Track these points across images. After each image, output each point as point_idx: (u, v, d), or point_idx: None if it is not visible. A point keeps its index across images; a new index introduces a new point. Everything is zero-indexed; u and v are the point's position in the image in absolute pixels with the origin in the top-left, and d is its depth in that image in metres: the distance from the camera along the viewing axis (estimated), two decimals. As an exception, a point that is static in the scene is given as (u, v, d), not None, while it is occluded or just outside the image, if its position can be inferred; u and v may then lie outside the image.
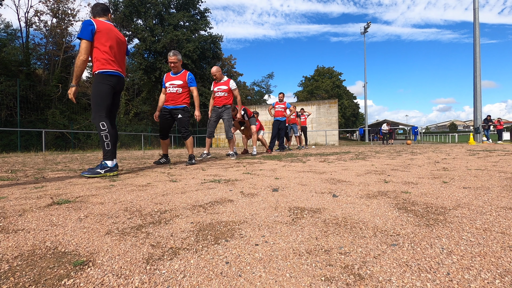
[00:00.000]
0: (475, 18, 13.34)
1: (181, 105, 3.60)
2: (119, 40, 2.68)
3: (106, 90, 2.57)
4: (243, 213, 1.15)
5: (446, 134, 31.96)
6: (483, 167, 2.63)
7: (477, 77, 13.33)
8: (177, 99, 3.59)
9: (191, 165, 3.53)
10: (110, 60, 2.57)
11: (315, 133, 17.78)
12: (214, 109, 4.59)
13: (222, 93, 4.50)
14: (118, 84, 2.69)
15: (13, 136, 12.44)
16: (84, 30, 2.41)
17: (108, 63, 2.56)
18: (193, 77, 3.67)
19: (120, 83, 2.72)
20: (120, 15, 20.27)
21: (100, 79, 2.54)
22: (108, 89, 2.58)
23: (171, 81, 3.62)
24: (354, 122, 49.19)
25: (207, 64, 23.49)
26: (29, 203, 1.39)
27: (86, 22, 2.43)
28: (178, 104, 3.60)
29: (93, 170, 2.45)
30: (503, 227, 0.90)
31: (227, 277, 0.62)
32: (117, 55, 2.66)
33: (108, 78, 2.57)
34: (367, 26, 30.01)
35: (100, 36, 2.48)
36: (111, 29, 2.59)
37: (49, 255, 0.76)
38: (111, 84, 2.59)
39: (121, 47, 2.74)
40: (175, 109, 3.60)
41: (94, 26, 2.45)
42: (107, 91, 2.57)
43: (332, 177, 2.18)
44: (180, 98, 3.59)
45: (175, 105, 3.60)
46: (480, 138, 13.36)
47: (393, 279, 0.59)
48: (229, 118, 4.50)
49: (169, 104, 3.61)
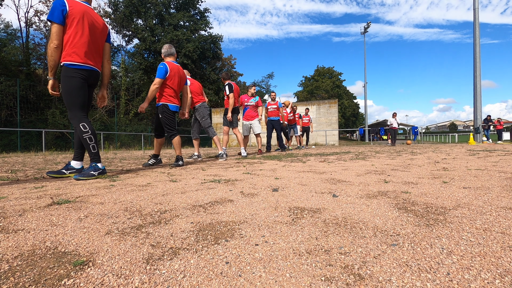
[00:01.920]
0: (475, 18, 13.34)
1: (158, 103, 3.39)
2: (95, 25, 2.32)
3: (77, 85, 2.24)
4: (243, 213, 1.15)
5: (446, 134, 31.96)
6: (483, 167, 2.63)
7: (477, 77, 13.34)
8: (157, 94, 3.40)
9: (177, 167, 3.31)
10: (82, 50, 2.23)
11: (315, 133, 17.78)
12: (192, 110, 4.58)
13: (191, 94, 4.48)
14: (91, 78, 2.36)
15: (13, 136, 12.44)
16: (54, 11, 2.10)
17: (77, 54, 2.21)
18: (159, 67, 3.28)
19: (92, 76, 2.38)
20: (120, 15, 20.29)
21: (67, 73, 2.21)
22: (79, 83, 2.25)
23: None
24: (354, 122, 49.19)
25: (207, 64, 23.51)
26: (29, 203, 1.39)
27: (57, 2, 2.12)
28: (157, 102, 3.42)
29: (87, 173, 2.29)
30: (503, 227, 0.90)
31: (227, 277, 0.62)
32: (91, 44, 2.31)
33: (77, 71, 2.24)
34: (367, 26, 30.03)
35: (71, 19, 2.16)
36: (86, 11, 2.25)
37: (49, 255, 0.76)
38: (81, 77, 2.26)
39: (98, 33, 2.37)
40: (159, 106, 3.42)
41: (66, 7, 2.13)
42: (78, 85, 2.24)
43: (332, 177, 2.18)
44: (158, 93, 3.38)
45: (157, 103, 3.43)
46: (480, 138, 13.36)
47: (393, 279, 0.59)
48: (201, 117, 4.45)
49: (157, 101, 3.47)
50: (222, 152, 4.43)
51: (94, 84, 2.48)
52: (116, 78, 21.82)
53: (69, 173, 2.45)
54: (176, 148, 3.47)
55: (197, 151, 4.72)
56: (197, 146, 4.72)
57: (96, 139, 2.36)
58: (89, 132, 2.29)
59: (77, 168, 2.48)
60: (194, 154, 4.71)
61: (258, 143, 6.17)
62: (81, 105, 2.30)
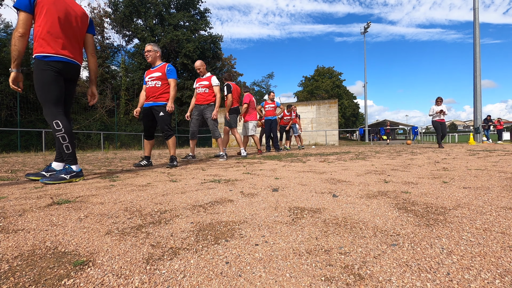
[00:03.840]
0: (475, 18, 13.35)
1: (162, 102, 3.31)
2: (70, 13, 2.14)
3: (49, 79, 2.07)
4: (243, 213, 1.15)
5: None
6: (483, 167, 2.63)
7: (477, 77, 13.35)
8: (157, 93, 3.30)
9: (172, 167, 3.27)
10: (54, 40, 2.06)
11: (315, 133, 17.78)
12: (196, 107, 4.38)
13: (203, 89, 4.29)
14: (66, 71, 2.17)
15: (13, 136, 12.44)
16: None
17: (49, 44, 2.05)
18: (173, 69, 3.36)
19: (69, 69, 2.19)
20: (120, 15, 20.29)
21: (39, 66, 2.06)
22: (51, 77, 2.08)
23: (150, 74, 3.35)
24: (354, 122, 49.18)
25: (207, 64, 23.52)
26: (29, 203, 1.39)
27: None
28: (158, 101, 3.31)
29: (57, 176, 2.09)
30: (503, 227, 0.90)
31: (227, 277, 0.62)
32: (66, 34, 2.13)
33: (49, 64, 2.06)
34: (367, 26, 30.03)
35: (41, 7, 1.98)
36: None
37: (49, 255, 0.76)
38: (54, 70, 2.08)
39: (74, 22, 2.18)
40: (156, 106, 3.31)
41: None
42: (51, 79, 2.07)
43: (332, 177, 2.18)
44: (159, 92, 3.30)
45: (155, 102, 3.31)
46: (480, 138, 13.36)
47: (393, 279, 0.59)
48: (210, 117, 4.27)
49: (149, 100, 3.34)
50: (223, 153, 4.42)
51: (74, 79, 2.29)
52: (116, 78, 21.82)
53: (50, 175, 2.26)
54: (172, 148, 3.43)
55: (191, 152, 4.60)
56: (193, 147, 4.61)
57: (72, 138, 2.16)
58: (62, 130, 2.10)
59: (58, 170, 2.30)
60: (188, 155, 4.59)
61: (257, 143, 6.17)
62: (55, 101, 2.11)
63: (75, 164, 2.20)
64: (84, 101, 16.53)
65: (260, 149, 6.19)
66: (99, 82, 18.29)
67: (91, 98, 2.55)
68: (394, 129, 32.92)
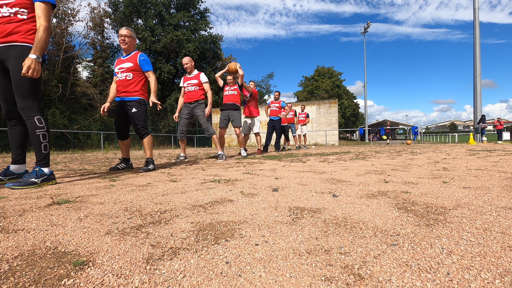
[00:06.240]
0: (474, 18, 13.36)
1: (134, 97, 2.91)
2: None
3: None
4: (243, 213, 1.15)
5: (446, 134, 31.95)
6: (483, 167, 2.63)
7: (477, 77, 13.36)
8: (128, 86, 2.89)
9: (147, 171, 2.85)
10: None
11: (315, 133, 17.77)
12: (185, 105, 4.26)
13: (193, 87, 4.18)
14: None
15: (13, 136, 12.42)
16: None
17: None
18: (147, 59, 2.95)
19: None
20: (120, 15, 20.28)
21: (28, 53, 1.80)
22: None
23: (120, 64, 2.93)
24: (354, 122, 49.16)
25: (207, 64, 23.51)
26: (29, 203, 1.39)
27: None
28: (130, 96, 2.91)
29: (26, 180, 1.87)
30: (503, 227, 0.90)
31: (227, 277, 0.62)
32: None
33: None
34: (367, 26, 30.02)
35: None
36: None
37: (49, 255, 0.76)
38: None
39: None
40: (128, 101, 2.91)
41: None
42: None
43: (332, 177, 2.18)
44: (130, 86, 2.89)
45: (127, 96, 2.91)
46: (480, 138, 13.37)
47: (393, 279, 0.59)
48: (204, 113, 4.17)
49: (120, 95, 2.93)
50: (222, 153, 4.35)
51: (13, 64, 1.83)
52: (116, 78, 21.75)
53: (8, 179, 2.07)
54: (148, 149, 3.06)
55: (183, 152, 4.47)
56: (184, 147, 4.45)
57: (49, 138, 1.99)
58: (44, 128, 1.93)
59: (18, 174, 2.07)
60: (180, 155, 4.46)
61: (258, 143, 6.17)
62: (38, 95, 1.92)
63: (48, 166, 1.99)
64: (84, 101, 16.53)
65: (260, 149, 6.21)
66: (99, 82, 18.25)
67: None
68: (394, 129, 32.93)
